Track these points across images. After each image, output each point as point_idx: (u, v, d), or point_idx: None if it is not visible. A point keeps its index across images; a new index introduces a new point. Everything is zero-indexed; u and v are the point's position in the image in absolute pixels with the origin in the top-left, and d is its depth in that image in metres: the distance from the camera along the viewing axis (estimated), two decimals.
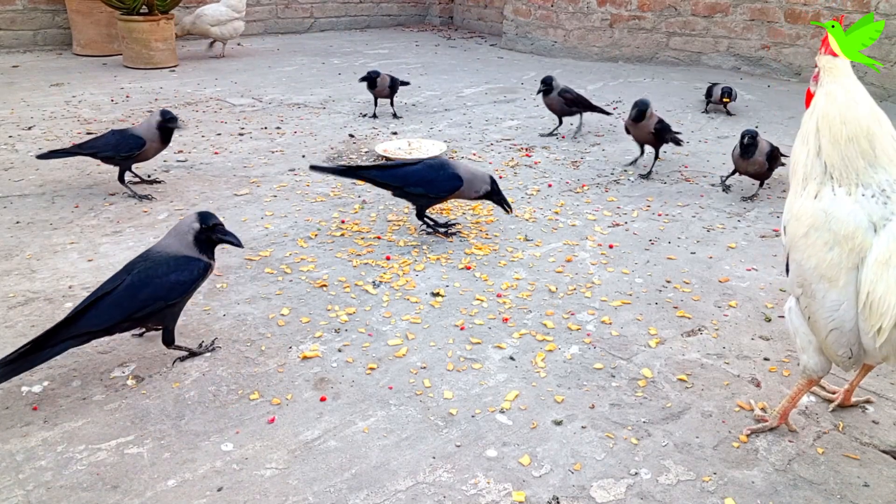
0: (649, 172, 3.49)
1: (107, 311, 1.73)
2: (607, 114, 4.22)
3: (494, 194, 2.70)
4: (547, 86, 3.92)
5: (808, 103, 1.60)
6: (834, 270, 1.41)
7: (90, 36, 6.16)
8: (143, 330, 1.97)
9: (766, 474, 1.54)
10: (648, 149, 3.61)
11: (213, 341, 1.98)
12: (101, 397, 1.74)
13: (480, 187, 2.70)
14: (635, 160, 3.65)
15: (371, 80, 4.30)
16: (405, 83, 4.58)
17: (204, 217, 1.90)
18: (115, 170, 3.04)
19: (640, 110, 3.36)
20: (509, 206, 2.75)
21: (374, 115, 4.47)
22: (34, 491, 1.44)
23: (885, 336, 1.36)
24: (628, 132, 3.58)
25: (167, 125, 2.99)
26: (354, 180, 3.07)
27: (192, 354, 1.92)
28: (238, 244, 1.92)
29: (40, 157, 3.00)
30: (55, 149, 3.16)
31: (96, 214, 2.84)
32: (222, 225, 1.92)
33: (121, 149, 2.93)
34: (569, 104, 3.99)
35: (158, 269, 1.81)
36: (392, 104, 4.52)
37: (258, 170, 3.46)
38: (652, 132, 3.43)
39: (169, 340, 1.87)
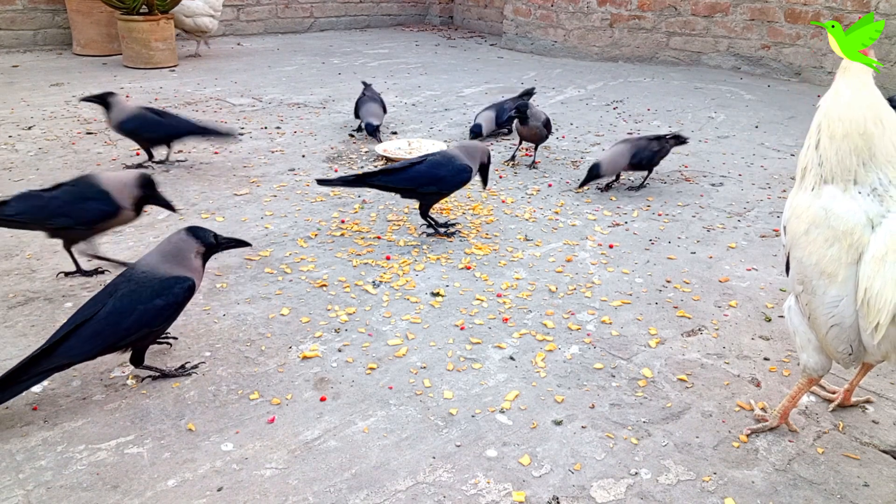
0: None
1: (88, 341, 1.62)
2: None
3: (487, 166, 2.83)
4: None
5: None
6: (834, 266, 1.42)
7: (90, 36, 6.16)
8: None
9: (766, 474, 1.54)
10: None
11: (196, 365, 1.85)
12: (101, 397, 1.74)
13: (480, 162, 2.78)
14: (513, 155, 3.72)
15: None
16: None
17: (203, 235, 1.79)
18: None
19: (522, 111, 3.42)
20: (486, 182, 2.91)
21: (359, 129, 4.16)
22: (34, 491, 1.44)
23: (882, 332, 1.37)
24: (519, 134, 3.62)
25: (146, 192, 2.24)
26: (363, 188, 2.90)
27: (164, 376, 1.80)
28: (246, 243, 1.92)
29: None
30: None
31: None
32: (216, 234, 1.84)
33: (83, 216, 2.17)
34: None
35: (143, 292, 1.69)
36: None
37: (258, 170, 3.46)
38: (535, 132, 3.51)
39: (138, 360, 1.77)
